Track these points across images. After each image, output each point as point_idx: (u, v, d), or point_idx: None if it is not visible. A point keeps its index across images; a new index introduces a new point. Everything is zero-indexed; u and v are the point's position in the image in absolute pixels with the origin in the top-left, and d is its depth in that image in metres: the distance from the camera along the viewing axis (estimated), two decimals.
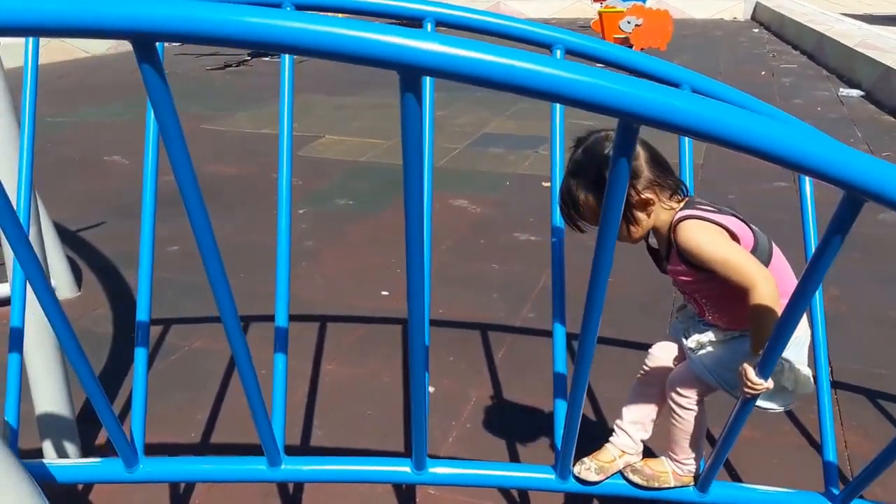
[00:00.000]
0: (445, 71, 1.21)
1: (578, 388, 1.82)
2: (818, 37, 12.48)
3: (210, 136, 7.72)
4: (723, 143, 1.22)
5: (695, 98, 1.21)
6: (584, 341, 1.72)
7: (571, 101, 1.21)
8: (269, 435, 2.00)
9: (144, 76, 1.31)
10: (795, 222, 4.90)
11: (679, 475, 2.12)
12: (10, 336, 2.22)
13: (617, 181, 1.35)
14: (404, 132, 1.35)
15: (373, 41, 1.20)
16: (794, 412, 2.96)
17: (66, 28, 1.20)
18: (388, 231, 5.13)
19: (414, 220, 1.50)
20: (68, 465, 2.16)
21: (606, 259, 1.51)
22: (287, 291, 2.33)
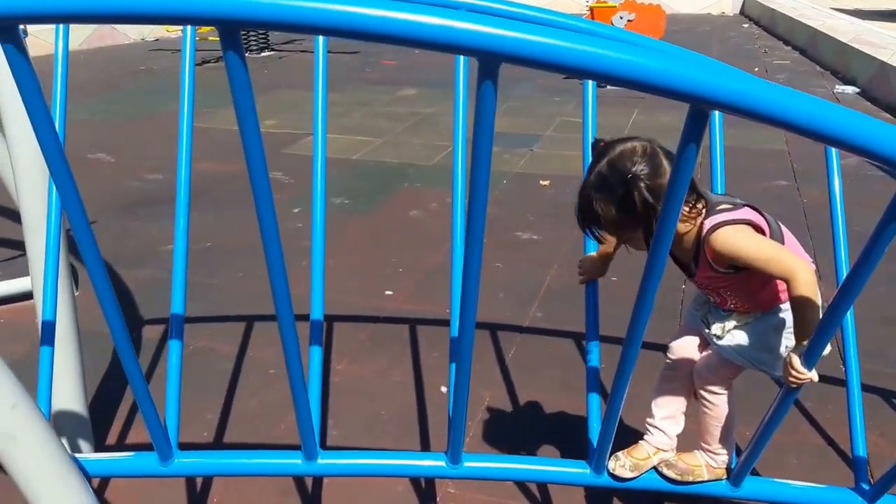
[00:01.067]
0: (525, 58, 1.19)
1: (621, 385, 1.83)
2: (811, 32, 12.52)
3: (197, 133, 7.54)
4: (798, 130, 1.21)
5: (768, 84, 1.19)
6: (630, 339, 1.74)
7: (645, 87, 1.20)
8: (310, 428, 1.98)
9: (228, 64, 1.30)
10: (796, 219, 5.00)
11: (713, 468, 2.13)
12: (41, 329, 2.20)
13: (682, 171, 1.35)
14: (478, 118, 1.33)
15: (455, 29, 1.18)
16: (811, 412, 2.97)
17: (155, 14, 1.20)
18: (386, 230, 5.11)
19: (479, 214, 1.47)
20: (102, 459, 2.13)
21: (660, 260, 1.51)
22: (321, 288, 2.31)
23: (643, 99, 8.67)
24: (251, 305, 3.94)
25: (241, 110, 1.40)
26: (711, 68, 1.21)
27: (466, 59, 2.30)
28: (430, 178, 6.23)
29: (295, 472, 2.22)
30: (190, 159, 2.37)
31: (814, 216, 5.17)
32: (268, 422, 2.99)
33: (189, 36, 2.38)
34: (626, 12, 9.50)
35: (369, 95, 9.24)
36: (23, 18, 1.30)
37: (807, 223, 5.05)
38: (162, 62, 12.38)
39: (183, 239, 2.31)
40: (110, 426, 2.95)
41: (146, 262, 4.50)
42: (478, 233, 1.52)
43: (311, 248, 2.37)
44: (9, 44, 1.34)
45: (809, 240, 4.73)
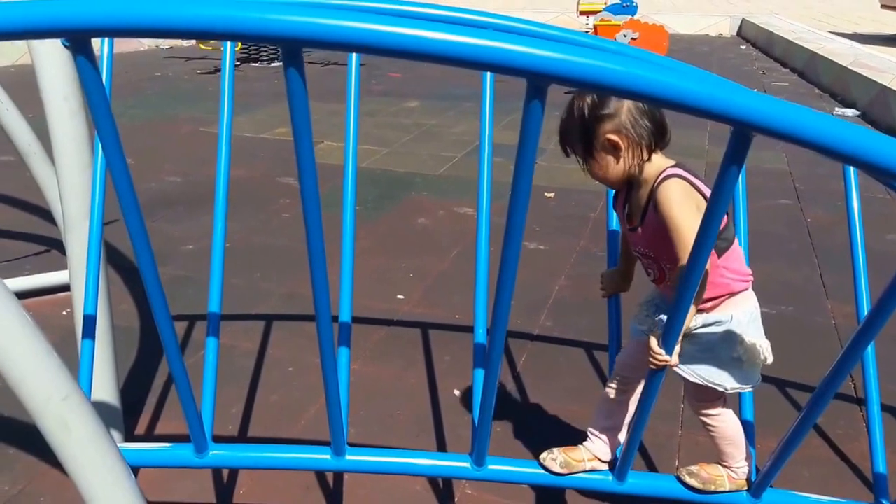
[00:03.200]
0: (575, 79, 1.28)
1: (649, 396, 1.95)
2: (809, 55, 12.69)
3: (210, 139, 7.68)
4: (837, 156, 1.30)
5: (807, 111, 1.30)
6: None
7: (692, 111, 1.28)
8: (340, 426, 2.07)
9: (289, 81, 1.39)
10: (800, 238, 5.12)
11: (734, 479, 2.22)
12: (83, 323, 2.30)
13: (723, 192, 1.44)
14: (524, 137, 1.43)
15: (504, 50, 1.27)
16: (823, 427, 3.06)
17: (224, 32, 1.28)
18: (394, 236, 5.22)
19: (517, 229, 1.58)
20: (141, 450, 2.23)
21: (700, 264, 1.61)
22: (350, 292, 2.41)
23: None
24: (268, 305, 4.06)
25: (298, 125, 1.49)
26: (755, 94, 1.30)
27: (492, 76, 2.40)
28: (437, 187, 6.35)
29: (324, 467, 2.31)
30: (228, 166, 2.45)
31: (818, 236, 5.28)
32: (289, 417, 3.09)
33: (229, 51, 2.47)
34: (629, 31, 9.65)
35: (375, 106, 9.36)
36: (97, 32, 1.36)
37: (811, 242, 5.17)
38: (176, 69, 12.58)
39: (221, 241, 2.41)
40: (138, 418, 3.05)
41: (167, 260, 4.60)
42: (514, 246, 1.62)
43: (341, 252, 2.46)
44: (81, 56, 1.43)
45: (815, 258, 4.86)
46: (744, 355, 2.05)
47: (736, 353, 2.05)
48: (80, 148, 2.51)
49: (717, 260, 2.00)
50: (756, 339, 2.06)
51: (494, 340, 1.85)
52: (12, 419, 3.00)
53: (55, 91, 2.46)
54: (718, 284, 2.03)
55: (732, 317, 2.05)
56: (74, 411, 1.69)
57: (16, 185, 5.81)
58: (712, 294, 2.03)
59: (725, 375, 2.07)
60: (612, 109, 1.95)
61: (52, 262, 4.44)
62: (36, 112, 3.86)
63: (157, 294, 1.82)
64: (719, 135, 7.83)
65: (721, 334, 2.06)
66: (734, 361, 2.05)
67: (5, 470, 2.76)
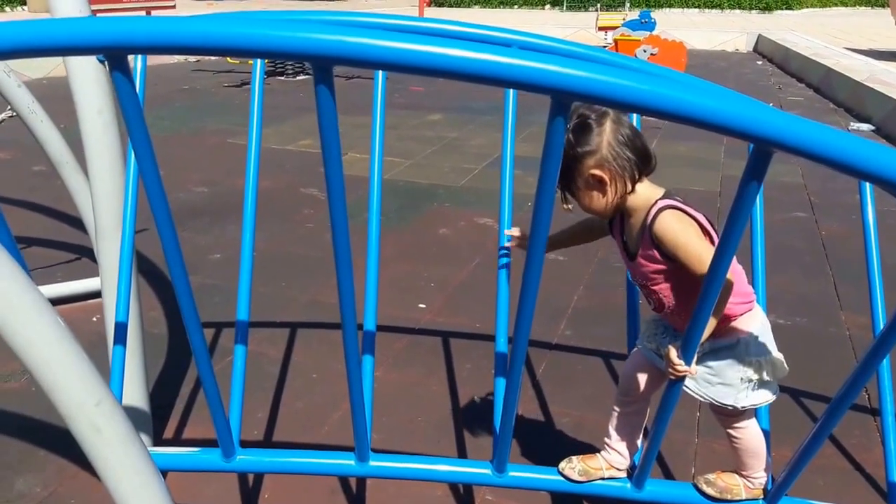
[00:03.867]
0: (596, 96, 1.33)
1: (668, 406, 1.99)
2: (825, 70, 12.70)
3: (238, 150, 7.86)
4: (858, 174, 1.35)
5: (825, 129, 1.34)
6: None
7: (711, 127, 1.33)
8: (364, 433, 2.12)
9: (319, 97, 1.44)
10: (815, 250, 5.14)
11: (750, 488, 2.25)
12: (114, 330, 2.36)
13: (743, 206, 1.48)
14: (547, 151, 1.48)
15: (530, 69, 1.32)
16: (837, 437, 3.09)
17: (258, 50, 1.34)
18: (416, 246, 5.29)
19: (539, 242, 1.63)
20: (170, 453, 2.28)
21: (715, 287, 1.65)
22: (375, 301, 2.46)
23: (660, 129, 8.84)
24: (292, 313, 4.14)
25: (327, 139, 1.53)
26: (775, 112, 1.34)
27: (515, 92, 2.45)
28: (458, 198, 6.41)
29: (348, 473, 2.36)
30: (257, 178, 2.52)
31: (833, 248, 5.31)
32: (313, 423, 3.15)
33: (259, 68, 2.54)
34: (649, 46, 9.69)
35: (398, 119, 9.44)
36: (134, 49, 1.42)
37: (826, 254, 5.20)
38: (203, 82, 12.76)
39: (249, 250, 2.47)
40: (166, 422, 3.12)
41: (195, 269, 4.68)
42: (538, 257, 1.67)
43: (366, 262, 2.52)
44: (118, 71, 1.49)
45: (829, 270, 4.88)
46: (753, 375, 2.08)
47: (745, 374, 2.08)
48: (113, 159, 2.58)
49: None
50: (766, 356, 2.08)
51: (516, 349, 1.90)
52: (43, 423, 3.08)
53: (89, 104, 2.53)
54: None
55: (739, 340, 2.08)
56: (106, 416, 1.73)
57: (48, 194, 5.93)
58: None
59: (736, 395, 2.10)
60: (594, 146, 1.98)
61: (82, 270, 4.54)
62: (67, 123, 3.96)
63: (187, 301, 1.87)
64: (735, 148, 7.86)
65: (729, 358, 2.08)
66: (743, 382, 2.09)
67: (37, 472, 2.83)
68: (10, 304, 1.47)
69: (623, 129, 1.99)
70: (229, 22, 1.34)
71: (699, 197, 6.46)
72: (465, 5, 31.62)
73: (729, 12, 29.21)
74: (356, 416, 2.08)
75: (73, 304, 4.13)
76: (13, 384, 3.40)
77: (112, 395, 1.75)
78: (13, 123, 4.11)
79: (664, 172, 6.97)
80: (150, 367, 2.91)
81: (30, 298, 1.50)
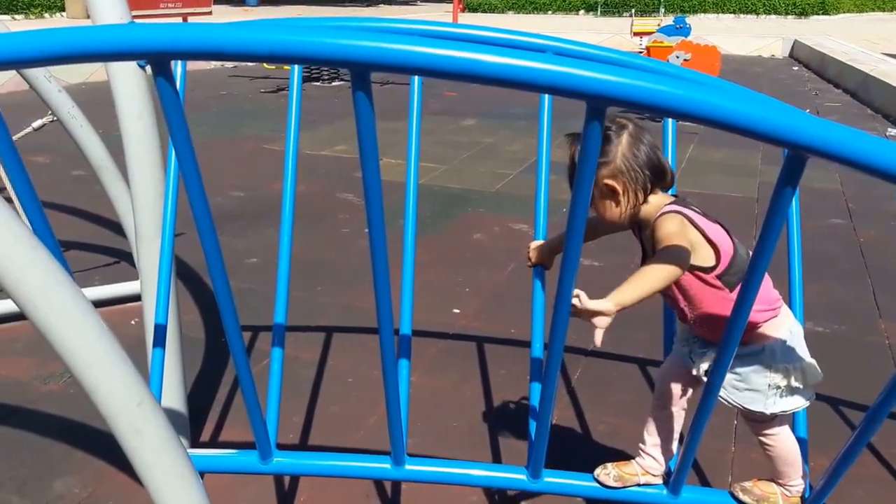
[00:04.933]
0: (632, 102, 1.33)
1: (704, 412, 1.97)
2: (862, 76, 12.56)
3: (274, 156, 7.94)
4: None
5: (862, 135, 1.33)
6: (716, 367, 1.87)
7: (746, 133, 1.33)
8: (400, 436, 2.13)
9: (357, 103, 1.45)
10: (853, 258, 5.09)
11: (787, 496, 2.23)
12: (154, 332, 2.39)
13: (777, 212, 1.47)
14: (583, 155, 1.48)
15: (567, 74, 1.32)
16: (876, 445, 3.05)
17: (296, 56, 1.36)
18: (451, 251, 5.30)
19: (574, 248, 1.63)
20: (208, 455, 2.30)
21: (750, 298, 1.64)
22: (411, 305, 2.47)
23: (697, 134, 8.79)
24: (327, 317, 4.16)
25: (365, 145, 1.54)
26: (810, 118, 1.33)
27: (551, 97, 2.46)
28: (493, 203, 6.43)
29: (384, 476, 2.37)
30: (295, 183, 2.54)
31: (872, 255, 5.25)
32: (348, 427, 3.17)
33: (296, 74, 2.56)
34: (682, 52, 9.62)
35: (432, 125, 9.47)
36: (178, 55, 1.44)
37: (864, 262, 5.14)
38: (240, 88, 12.88)
39: (287, 255, 2.49)
40: (203, 425, 3.16)
41: (232, 273, 4.65)
42: (573, 262, 1.67)
43: (402, 266, 2.53)
44: (161, 77, 1.52)
45: (868, 278, 4.82)
46: (781, 381, 2.07)
47: (772, 380, 2.08)
48: (153, 163, 2.61)
49: (730, 294, 2.02)
50: (795, 363, 2.08)
51: (552, 355, 1.90)
52: (82, 425, 3.13)
53: (130, 109, 2.57)
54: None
55: (765, 347, 2.08)
56: (147, 417, 1.75)
57: (86, 198, 6.02)
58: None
59: (765, 401, 2.10)
60: (609, 157, 2.01)
61: (120, 273, 4.60)
62: (105, 128, 4.03)
63: (227, 304, 1.90)
64: (772, 154, 7.80)
65: (755, 364, 2.09)
66: (771, 388, 2.08)
67: (75, 473, 2.87)
68: (55, 305, 1.50)
69: (639, 144, 2.03)
70: (271, 29, 1.36)
71: (736, 203, 6.42)
72: (498, 11, 31.60)
73: (764, 17, 28.92)
74: (392, 419, 2.09)
75: (111, 307, 4.18)
76: (52, 386, 3.45)
77: (152, 397, 1.77)
78: (52, 128, 4.17)
79: (701, 178, 7.02)
80: (186, 369, 2.94)
81: (73, 300, 1.53)
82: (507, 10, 31.58)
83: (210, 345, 3.87)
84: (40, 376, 3.53)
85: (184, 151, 1.66)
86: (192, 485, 1.88)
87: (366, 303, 4.32)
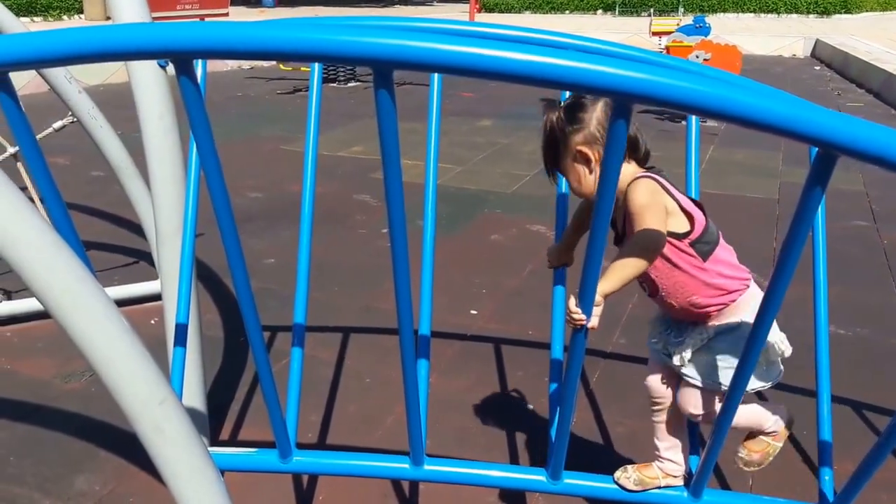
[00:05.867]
0: (660, 99, 1.32)
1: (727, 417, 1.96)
2: (885, 76, 12.46)
3: (291, 157, 7.96)
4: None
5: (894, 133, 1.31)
6: (738, 374, 1.86)
7: (776, 131, 1.31)
8: (419, 436, 2.13)
9: (379, 101, 1.45)
10: (876, 260, 5.04)
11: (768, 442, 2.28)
12: (175, 332, 2.40)
13: (806, 212, 1.46)
14: (608, 154, 1.47)
15: (594, 72, 1.31)
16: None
17: (319, 54, 1.35)
18: (468, 252, 5.30)
19: (597, 250, 1.62)
20: (228, 454, 2.31)
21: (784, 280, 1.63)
22: (430, 306, 2.47)
23: (716, 135, 8.75)
24: (345, 318, 4.17)
25: (387, 145, 1.55)
26: (841, 116, 1.32)
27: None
28: (510, 205, 6.42)
29: (403, 476, 2.37)
30: (314, 184, 2.54)
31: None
32: (366, 427, 3.17)
33: (317, 74, 2.57)
34: (702, 51, 9.57)
35: (448, 125, 9.47)
36: (200, 54, 1.45)
37: (888, 264, 5.11)
38: (256, 89, 12.93)
39: (306, 256, 2.49)
40: (222, 423, 3.16)
41: (250, 273, 4.72)
42: (595, 264, 1.66)
43: (422, 267, 2.53)
44: (184, 76, 1.52)
45: (892, 280, 4.78)
46: (760, 356, 2.03)
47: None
48: (174, 163, 2.62)
49: (703, 263, 2.03)
50: (769, 338, 2.05)
51: (573, 358, 1.89)
52: (103, 423, 3.14)
53: (151, 109, 2.57)
54: (712, 286, 2.05)
55: (741, 322, 2.07)
56: (169, 415, 1.75)
57: (105, 199, 6.06)
58: (710, 298, 2.06)
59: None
60: (583, 123, 2.02)
61: (139, 273, 4.62)
62: (124, 129, 4.04)
63: (248, 304, 1.90)
64: (793, 155, 7.75)
65: (732, 341, 2.08)
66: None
67: (97, 471, 2.88)
68: (80, 305, 1.50)
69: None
70: (294, 27, 1.35)
71: (757, 203, 6.38)
72: (515, 10, 31.52)
73: (785, 16, 28.71)
74: (411, 419, 2.09)
75: (130, 306, 4.19)
76: (73, 384, 3.47)
77: (175, 396, 1.78)
78: (71, 130, 4.19)
79: (721, 179, 6.98)
80: (205, 369, 2.95)
81: (97, 299, 1.53)
82: (523, 10, 31.50)
83: (228, 344, 3.88)
84: (61, 375, 3.55)
85: (207, 150, 1.66)
86: (214, 483, 1.89)
87: (383, 303, 4.32)
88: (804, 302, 2.58)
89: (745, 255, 2.18)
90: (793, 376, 3.54)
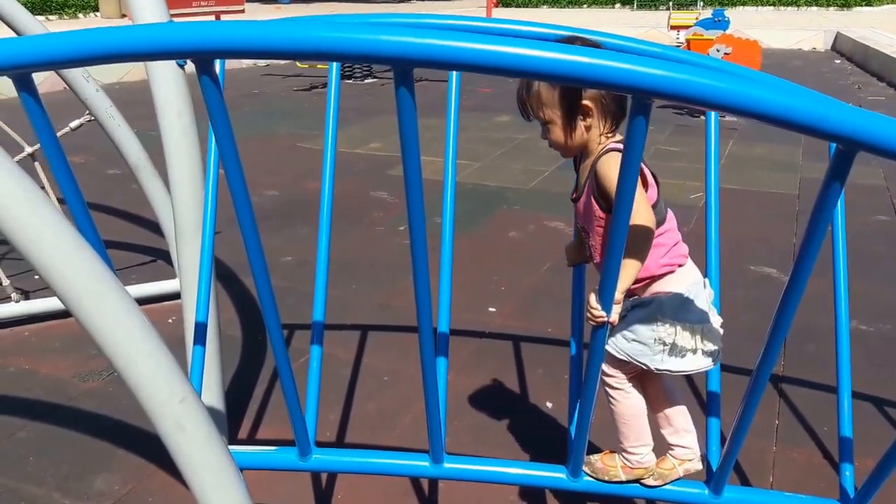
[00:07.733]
0: (680, 96, 1.31)
1: (748, 412, 1.95)
2: None
3: (307, 154, 7.98)
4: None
5: None
6: (760, 368, 1.85)
7: (796, 127, 1.30)
8: (439, 434, 2.13)
9: (399, 100, 1.45)
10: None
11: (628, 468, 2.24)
12: (194, 330, 2.41)
13: (825, 207, 1.45)
14: (628, 150, 1.46)
15: (614, 68, 1.30)
16: None
17: (341, 53, 1.35)
18: (486, 249, 5.29)
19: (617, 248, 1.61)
20: (248, 452, 2.31)
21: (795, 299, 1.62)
22: (448, 304, 2.46)
23: (736, 130, 8.71)
24: (363, 315, 4.17)
25: (407, 142, 1.55)
26: (861, 112, 1.31)
27: None
28: (528, 201, 6.41)
29: (423, 474, 2.37)
30: (333, 182, 2.54)
31: None
32: (384, 425, 3.18)
33: (335, 72, 2.57)
34: (722, 45, 9.52)
35: (466, 121, 9.46)
36: (221, 54, 1.45)
37: None
38: (273, 86, 12.97)
39: (325, 253, 2.49)
40: (240, 422, 3.17)
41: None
42: (615, 260, 1.66)
43: (440, 264, 2.53)
44: (205, 75, 1.52)
45: None
46: (668, 338, 2.04)
47: (658, 335, 2.05)
48: (192, 161, 2.63)
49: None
50: (685, 322, 2.05)
51: (593, 355, 1.88)
52: (122, 422, 3.16)
53: (170, 108, 2.58)
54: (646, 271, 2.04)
55: (654, 300, 2.06)
56: (190, 413, 1.76)
57: (121, 197, 6.08)
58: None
59: (652, 357, 2.07)
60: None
61: (157, 272, 4.64)
62: (140, 127, 4.06)
63: (269, 301, 1.91)
64: (814, 151, 7.70)
65: (642, 315, 2.06)
66: (657, 343, 2.05)
67: (116, 470, 2.89)
68: (100, 303, 1.51)
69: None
70: (313, 26, 1.35)
71: (777, 199, 6.34)
72: (532, 5, 31.42)
73: (805, 9, 28.47)
74: (431, 417, 2.08)
75: (148, 305, 4.21)
76: (91, 383, 3.49)
77: (195, 394, 1.78)
78: (88, 128, 4.20)
79: (741, 174, 6.94)
80: (224, 367, 2.96)
81: (118, 298, 1.54)
82: (541, 5, 31.42)
83: (247, 343, 3.89)
84: (80, 374, 3.57)
85: (228, 150, 1.66)
86: (235, 481, 1.89)
87: (401, 301, 4.32)
88: (826, 297, 2.56)
89: (765, 249, 2.16)
90: (814, 372, 3.54)
